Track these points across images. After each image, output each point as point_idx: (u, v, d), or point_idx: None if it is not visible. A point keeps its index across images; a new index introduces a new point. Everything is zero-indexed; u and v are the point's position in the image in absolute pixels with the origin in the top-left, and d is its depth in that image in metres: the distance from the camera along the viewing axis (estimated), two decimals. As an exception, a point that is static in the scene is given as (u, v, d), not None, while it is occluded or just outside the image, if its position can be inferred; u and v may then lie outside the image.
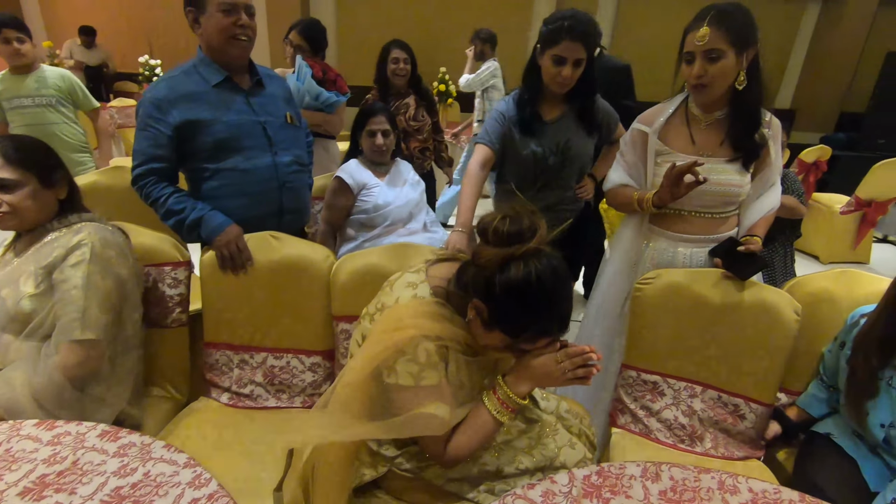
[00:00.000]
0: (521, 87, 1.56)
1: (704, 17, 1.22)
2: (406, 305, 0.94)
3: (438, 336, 0.91)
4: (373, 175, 1.89)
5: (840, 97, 6.34)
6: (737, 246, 1.31)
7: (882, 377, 1.13)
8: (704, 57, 1.22)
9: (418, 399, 0.90)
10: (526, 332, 0.89)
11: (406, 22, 5.82)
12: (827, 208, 3.85)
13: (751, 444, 1.34)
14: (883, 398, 1.13)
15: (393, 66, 2.42)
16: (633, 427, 1.39)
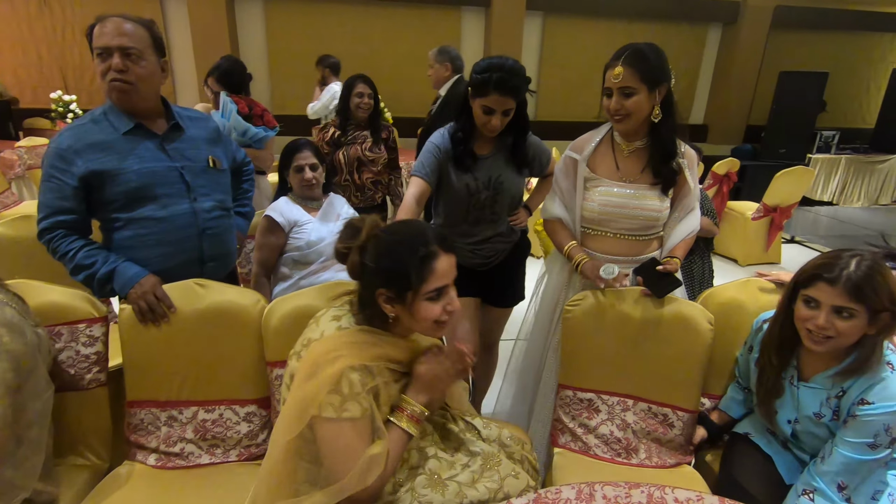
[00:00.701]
0: (456, 124, 1.60)
1: (620, 57, 1.33)
2: (330, 338, 0.98)
3: (363, 364, 0.95)
4: (304, 211, 1.87)
5: (745, 111, 6.97)
6: (656, 266, 1.40)
7: (785, 377, 1.24)
8: (620, 93, 1.34)
9: (341, 431, 0.92)
10: (418, 273, 0.96)
11: (338, 52, 5.84)
12: (740, 215, 4.18)
13: (681, 451, 1.41)
14: (787, 396, 1.23)
15: (357, 101, 2.46)
16: (573, 445, 1.43)
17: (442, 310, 1.01)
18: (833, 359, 1.16)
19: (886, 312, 1.06)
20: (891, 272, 1.07)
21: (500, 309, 1.85)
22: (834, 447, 1.12)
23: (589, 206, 1.46)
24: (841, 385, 1.13)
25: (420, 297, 0.98)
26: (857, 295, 1.04)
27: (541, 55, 6.38)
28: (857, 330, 1.07)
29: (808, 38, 7.03)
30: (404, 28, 5.95)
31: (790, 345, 1.21)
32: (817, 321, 1.09)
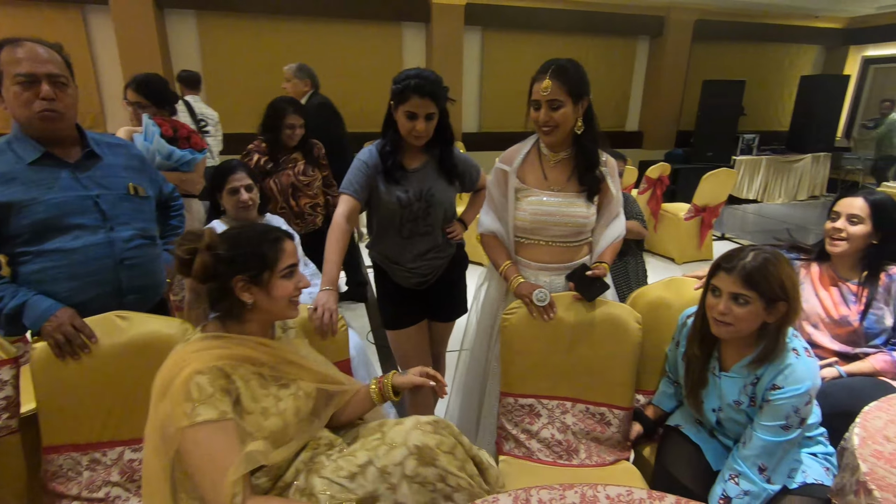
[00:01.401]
0: (383, 139, 1.62)
1: (546, 71, 1.39)
2: (174, 353, 1.01)
3: (212, 366, 0.96)
4: None
5: (675, 118, 7.40)
6: (586, 271, 1.46)
7: (708, 368, 1.31)
8: (548, 105, 1.39)
9: (198, 438, 0.91)
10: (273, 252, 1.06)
11: (278, 68, 5.75)
12: (674, 216, 4.42)
13: (619, 448, 1.46)
14: (711, 386, 1.30)
15: (289, 132, 2.39)
16: (517, 451, 1.45)
17: (294, 287, 1.09)
18: (746, 348, 1.24)
19: (782, 301, 1.15)
20: (787, 265, 1.17)
21: (444, 324, 1.87)
22: (753, 432, 1.20)
23: (521, 216, 1.50)
24: (755, 373, 1.22)
25: (276, 275, 1.06)
26: (749, 282, 1.14)
27: (482, 69, 6.54)
28: (754, 316, 1.16)
29: (726, 49, 7.58)
30: (345, 44, 5.94)
31: (711, 337, 1.28)
32: (718, 307, 1.18)
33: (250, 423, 1.00)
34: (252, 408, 1.01)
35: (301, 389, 1.12)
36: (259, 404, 1.03)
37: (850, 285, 1.57)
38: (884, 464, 1.06)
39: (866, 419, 1.20)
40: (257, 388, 1.04)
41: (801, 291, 1.59)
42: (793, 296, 1.16)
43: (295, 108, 2.39)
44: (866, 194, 1.57)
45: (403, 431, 1.07)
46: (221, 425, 0.93)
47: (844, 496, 1.08)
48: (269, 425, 1.02)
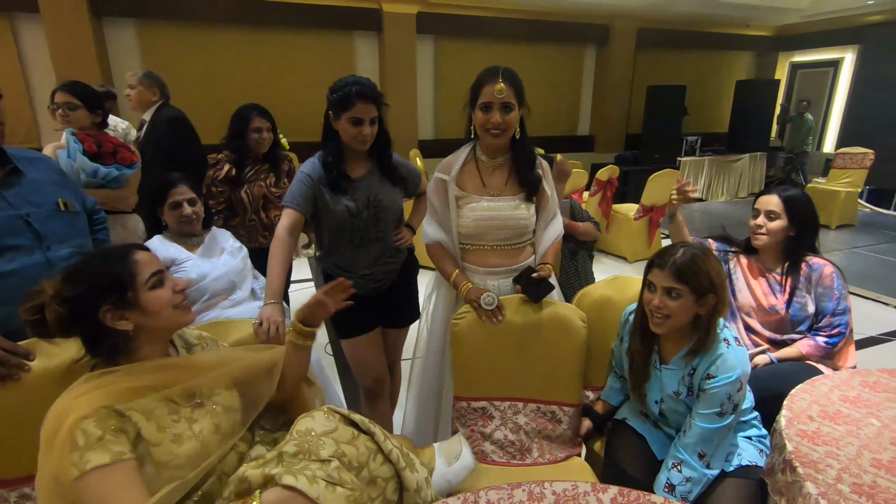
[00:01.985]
0: (324, 151, 1.61)
1: (497, 74, 1.41)
2: (57, 401, 0.92)
3: (99, 408, 0.88)
4: (182, 249, 1.76)
5: (623, 122, 7.70)
6: (532, 273, 1.50)
7: (650, 362, 1.37)
8: (501, 108, 1.42)
9: (90, 487, 0.84)
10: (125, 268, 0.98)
11: (227, 77, 5.62)
12: (624, 216, 4.58)
13: (570, 444, 1.50)
14: (653, 379, 1.36)
15: (255, 136, 2.25)
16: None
17: (172, 291, 1.03)
18: (682, 340, 1.31)
19: (711, 294, 1.22)
20: (714, 260, 1.25)
21: (397, 330, 1.87)
22: (692, 421, 1.25)
23: (464, 223, 1.53)
24: (691, 364, 1.28)
25: (142, 289, 0.98)
26: (679, 277, 1.21)
27: (436, 76, 6.60)
28: (686, 309, 1.23)
29: (668, 55, 7.96)
30: (296, 53, 5.87)
31: (651, 331, 1.34)
32: (654, 302, 1.25)
33: (161, 453, 0.93)
34: (159, 438, 0.94)
35: (219, 405, 1.07)
36: (169, 432, 0.96)
37: (776, 275, 1.68)
38: (807, 442, 1.14)
39: (792, 401, 1.29)
40: (165, 416, 0.97)
41: (730, 283, 1.70)
42: (720, 288, 1.23)
43: (260, 111, 2.29)
44: (780, 191, 1.68)
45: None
46: (118, 467, 0.86)
47: (774, 475, 1.15)
48: (185, 451, 0.96)
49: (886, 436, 1.16)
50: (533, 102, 1.52)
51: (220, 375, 1.09)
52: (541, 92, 7.06)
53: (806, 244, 1.65)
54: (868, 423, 1.20)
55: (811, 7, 6.98)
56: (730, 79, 8.30)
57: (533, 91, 1.51)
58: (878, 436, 1.16)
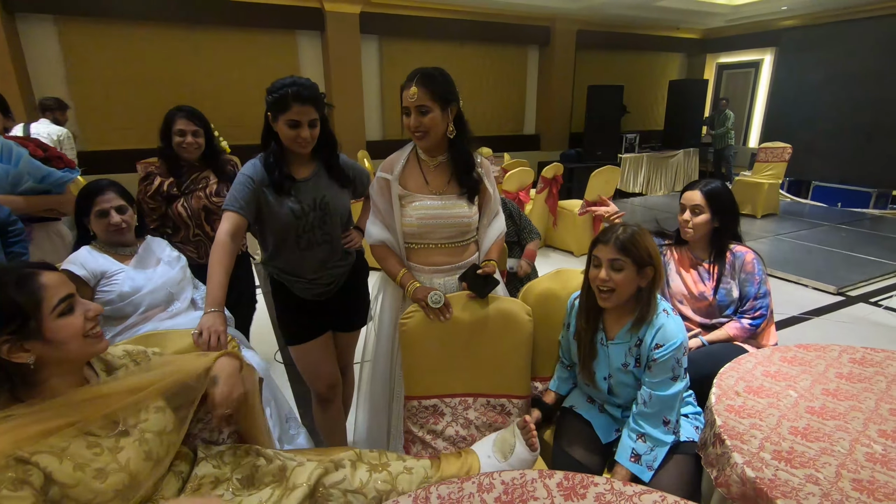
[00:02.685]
0: (265, 153, 1.56)
1: (413, 79, 1.43)
2: None
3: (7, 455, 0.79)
4: (113, 260, 1.67)
5: (567, 121, 7.95)
6: (477, 270, 1.52)
7: (596, 340, 1.43)
8: (417, 111, 1.43)
9: None
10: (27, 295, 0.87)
11: (162, 79, 5.34)
12: (570, 212, 4.73)
13: None
14: (600, 356, 1.43)
15: (178, 139, 2.03)
16: (424, 453, 1.47)
17: (84, 318, 0.93)
18: (626, 315, 1.39)
19: (649, 266, 1.33)
20: (650, 237, 1.37)
21: (348, 334, 1.84)
22: (649, 392, 1.32)
23: (408, 222, 1.53)
24: (637, 335, 1.36)
25: (48, 318, 0.87)
26: (623, 249, 1.32)
27: (382, 77, 6.57)
28: (629, 281, 1.33)
29: (606, 56, 8.30)
30: (238, 53, 5.67)
31: (596, 310, 1.43)
32: (600, 275, 1.34)
33: (82, 493, 0.84)
34: (77, 478, 0.85)
35: (148, 431, 0.98)
36: (90, 469, 0.87)
37: (705, 264, 1.79)
38: (734, 416, 1.23)
39: (721, 379, 1.38)
40: (83, 451, 0.88)
41: (665, 273, 1.80)
42: (657, 262, 1.34)
43: (187, 112, 2.07)
44: (702, 186, 1.79)
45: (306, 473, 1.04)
46: None
47: (706, 448, 1.23)
48: (112, 485, 0.88)
49: (802, 405, 1.26)
50: (480, 103, 1.56)
51: (146, 397, 1.00)
52: (487, 92, 7.17)
53: (730, 233, 1.77)
54: (786, 395, 1.31)
55: (733, 11, 7.49)
56: (664, 79, 8.77)
57: (479, 91, 1.55)
58: (794, 406, 1.26)
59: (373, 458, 1.18)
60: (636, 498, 0.98)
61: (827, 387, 1.34)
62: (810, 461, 1.06)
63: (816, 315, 3.46)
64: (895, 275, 4.18)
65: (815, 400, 1.28)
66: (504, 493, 1.00)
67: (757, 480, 1.01)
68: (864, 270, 4.24)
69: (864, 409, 1.24)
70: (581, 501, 0.97)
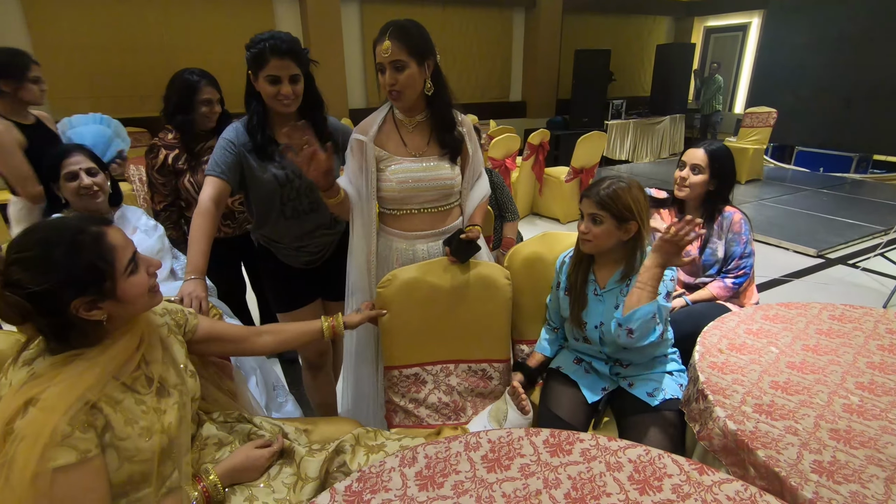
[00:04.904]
0: (247, 115, 1.50)
1: (386, 32, 1.35)
2: (14, 387, 0.82)
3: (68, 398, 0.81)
4: None
5: (553, 87, 7.81)
6: (461, 234, 1.49)
7: (588, 291, 1.44)
8: (392, 67, 1.35)
9: (55, 485, 0.78)
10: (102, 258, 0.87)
11: (130, 44, 5.10)
12: (556, 179, 4.70)
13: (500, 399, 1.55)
14: (591, 306, 1.43)
15: (205, 109, 1.90)
16: (407, 421, 1.47)
17: (147, 275, 0.95)
18: (615, 265, 1.41)
19: (633, 221, 1.34)
20: (638, 191, 1.35)
21: (337, 302, 1.81)
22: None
23: (387, 187, 1.46)
24: (627, 284, 1.38)
25: (121, 278, 0.89)
26: (601, 204, 1.33)
27: (363, 43, 6.35)
28: (608, 233, 1.35)
29: (594, 20, 8.11)
30: (210, 17, 5.41)
31: (586, 260, 1.46)
32: (580, 227, 1.39)
33: (127, 447, 0.87)
34: (127, 432, 0.88)
35: (184, 395, 1.01)
36: (137, 425, 0.90)
37: (693, 225, 1.79)
38: (717, 372, 1.24)
39: (705, 337, 1.40)
40: (133, 407, 0.91)
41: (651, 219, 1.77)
42: (642, 217, 1.35)
43: (208, 79, 1.93)
44: (706, 145, 1.77)
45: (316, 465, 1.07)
46: (83, 467, 0.81)
47: (690, 404, 1.25)
48: (152, 446, 0.91)
49: (783, 360, 1.28)
50: (464, 69, 1.50)
51: (184, 364, 1.05)
52: (472, 58, 6.99)
53: (723, 196, 1.77)
54: (768, 351, 1.33)
55: (722, -28, 7.34)
56: (651, 43, 8.62)
57: (464, 57, 1.48)
58: (776, 361, 1.28)
59: (369, 439, 1.19)
60: (621, 452, 0.99)
61: (807, 342, 1.36)
62: (790, 413, 1.09)
63: (797, 277, 3.53)
64: (873, 237, 4.26)
65: (795, 355, 1.30)
66: (491, 451, 1.01)
67: (738, 433, 1.03)
68: (843, 234, 4.31)
69: (843, 362, 1.27)
70: (567, 457, 0.98)
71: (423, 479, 0.94)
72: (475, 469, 0.96)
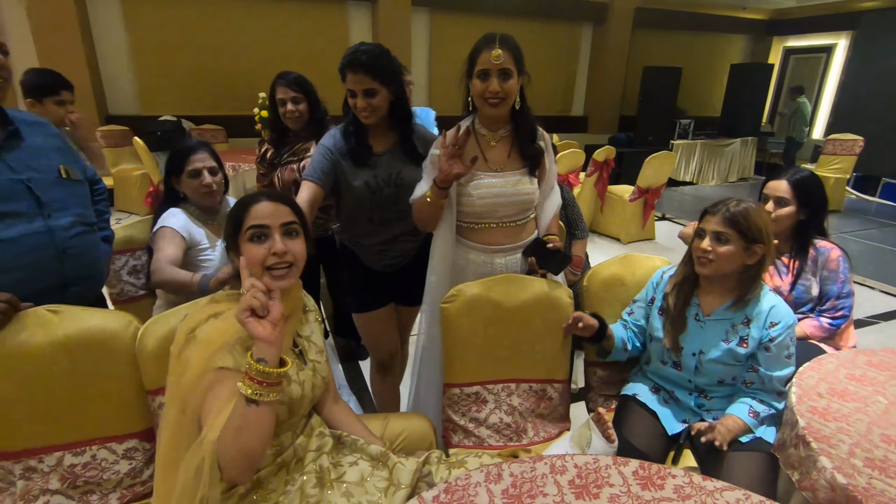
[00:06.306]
0: (346, 121, 1.55)
1: (494, 41, 1.35)
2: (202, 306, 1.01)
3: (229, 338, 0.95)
4: (204, 232, 1.61)
5: (618, 103, 7.65)
6: (545, 245, 1.47)
7: (689, 315, 1.39)
8: (500, 75, 1.35)
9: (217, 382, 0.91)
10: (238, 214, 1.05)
11: (213, 49, 5.41)
12: (619, 198, 4.58)
13: (560, 420, 1.52)
14: (691, 330, 1.38)
15: (281, 110, 1.99)
16: (467, 441, 1.44)
17: (267, 251, 1.01)
18: (726, 293, 1.35)
19: (759, 244, 1.27)
20: (766, 215, 1.30)
21: (410, 308, 1.83)
22: (768, 374, 1.30)
23: (468, 202, 1.46)
24: (742, 312, 1.32)
25: (242, 238, 1.02)
26: (730, 223, 1.27)
27: (430, 51, 6.46)
28: (733, 255, 1.28)
29: (664, 37, 7.90)
30: (288, 23, 5.67)
31: (690, 281, 1.39)
32: (702, 245, 1.31)
33: (291, 392, 1.02)
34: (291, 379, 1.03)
35: (318, 373, 1.12)
36: (294, 376, 1.05)
37: (784, 258, 1.69)
38: (818, 418, 1.16)
39: (801, 379, 1.31)
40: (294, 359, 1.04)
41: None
42: (768, 241, 1.28)
43: (286, 80, 1.99)
44: (789, 176, 1.67)
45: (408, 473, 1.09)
46: (237, 375, 0.90)
47: (786, 450, 1.17)
48: (290, 391, 1.02)
49: (894, 413, 1.18)
50: (527, 81, 1.47)
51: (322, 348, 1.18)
52: (536, 71, 6.74)
53: (815, 227, 1.66)
54: (875, 401, 1.22)
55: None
56: (724, 62, 8.29)
57: (529, 69, 1.46)
58: (885, 413, 1.18)
59: (451, 458, 1.20)
60: (717, 493, 0.94)
61: (920, 395, 1.25)
62: (908, 472, 1.00)
63: (884, 319, 3.26)
64: (973, 282, 3.88)
65: (908, 408, 1.20)
66: (577, 476, 0.98)
67: (849, 487, 0.96)
68: (937, 275, 3.96)
69: (965, 421, 1.15)
70: (659, 492, 0.94)
71: (510, 497, 0.93)
72: (563, 493, 0.94)
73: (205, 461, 0.83)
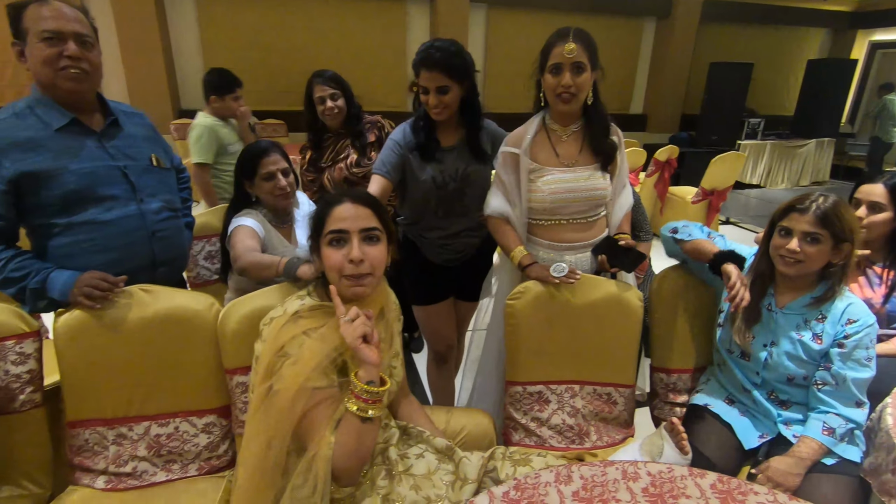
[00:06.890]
0: (416, 116, 1.57)
1: (568, 34, 1.33)
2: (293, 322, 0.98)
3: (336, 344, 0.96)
4: (280, 237, 1.57)
5: (680, 101, 7.32)
6: (616, 243, 1.43)
7: (763, 305, 1.33)
8: (573, 69, 1.33)
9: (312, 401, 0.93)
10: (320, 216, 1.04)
11: (277, 46, 5.62)
12: (681, 199, 4.39)
13: (624, 426, 1.47)
14: (765, 322, 1.32)
15: (321, 108, 1.98)
16: (528, 441, 1.43)
17: (343, 259, 0.99)
18: (805, 287, 1.29)
19: (847, 243, 1.21)
20: (852, 210, 1.23)
21: (468, 303, 1.84)
22: (842, 373, 1.21)
23: (538, 197, 1.44)
24: (819, 310, 1.26)
25: (324, 241, 1.01)
26: (823, 222, 1.19)
27: (486, 47, 6.42)
28: (822, 255, 1.22)
29: (733, 31, 7.47)
30: (348, 21, 5.78)
31: (765, 276, 1.33)
32: (789, 245, 1.23)
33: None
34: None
35: (394, 378, 1.10)
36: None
37: (876, 268, 1.56)
38: (920, 443, 1.06)
39: (897, 398, 1.21)
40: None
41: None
42: (857, 238, 1.22)
43: (323, 77, 1.97)
44: (886, 180, 1.54)
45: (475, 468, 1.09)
46: (327, 392, 0.94)
47: (880, 475, 1.09)
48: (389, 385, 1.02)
49: None
50: None
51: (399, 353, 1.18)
52: None
53: None
54: None
55: (901, -20, 6.39)
56: (800, 58, 7.75)
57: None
58: None
59: (515, 454, 1.18)
60: (806, 515, 0.88)
61: None
62: None
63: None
64: None
65: None
66: (651, 484, 0.95)
67: (961, 520, 0.87)
68: None
69: None
70: (742, 508, 0.89)
71: (581, 500, 0.91)
72: (636, 501, 0.91)
73: (318, 478, 0.88)
